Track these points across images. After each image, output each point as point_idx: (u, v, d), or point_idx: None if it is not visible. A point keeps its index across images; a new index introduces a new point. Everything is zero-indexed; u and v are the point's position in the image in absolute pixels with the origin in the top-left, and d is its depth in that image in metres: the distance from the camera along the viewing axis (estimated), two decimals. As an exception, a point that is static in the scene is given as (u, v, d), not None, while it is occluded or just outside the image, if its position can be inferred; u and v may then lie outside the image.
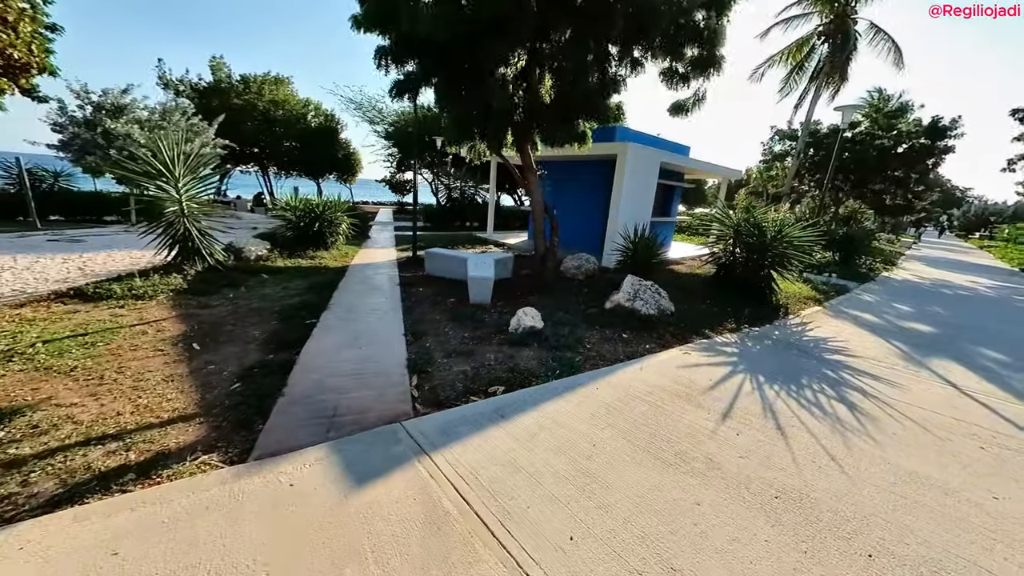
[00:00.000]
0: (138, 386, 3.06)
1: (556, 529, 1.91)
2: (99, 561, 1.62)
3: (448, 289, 6.56)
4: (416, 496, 2.05)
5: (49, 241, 8.16)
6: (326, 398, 2.97)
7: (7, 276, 5.62)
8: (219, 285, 5.91)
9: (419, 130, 21.40)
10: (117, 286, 5.26)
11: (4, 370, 3.16)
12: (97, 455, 2.27)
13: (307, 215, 8.82)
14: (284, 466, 2.21)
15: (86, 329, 4.08)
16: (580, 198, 11.28)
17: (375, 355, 3.81)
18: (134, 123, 10.79)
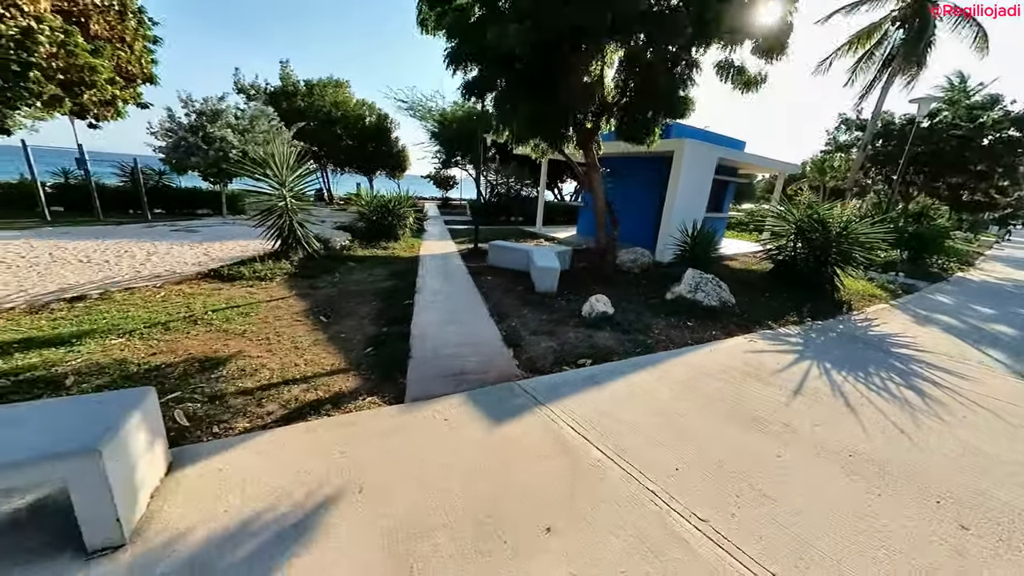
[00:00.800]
0: (297, 346, 3.83)
1: (663, 463, 2.38)
2: (333, 456, 2.29)
3: (512, 278, 7.12)
4: (544, 432, 2.60)
5: (172, 232, 9.55)
6: (446, 362, 3.60)
7: (156, 259, 6.79)
8: (319, 270, 6.80)
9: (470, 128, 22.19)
10: (245, 269, 6.25)
11: (196, 331, 4.04)
12: (297, 391, 3.00)
13: (379, 209, 9.69)
14: (436, 407, 2.83)
15: (235, 302, 4.99)
16: (632, 194, 11.48)
17: (473, 331, 4.43)
18: (227, 127, 12.18)
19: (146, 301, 4.86)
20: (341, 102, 22.49)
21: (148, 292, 5.22)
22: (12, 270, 5.75)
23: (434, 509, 1.96)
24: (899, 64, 15.01)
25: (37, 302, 4.59)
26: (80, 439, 1.58)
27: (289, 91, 21.48)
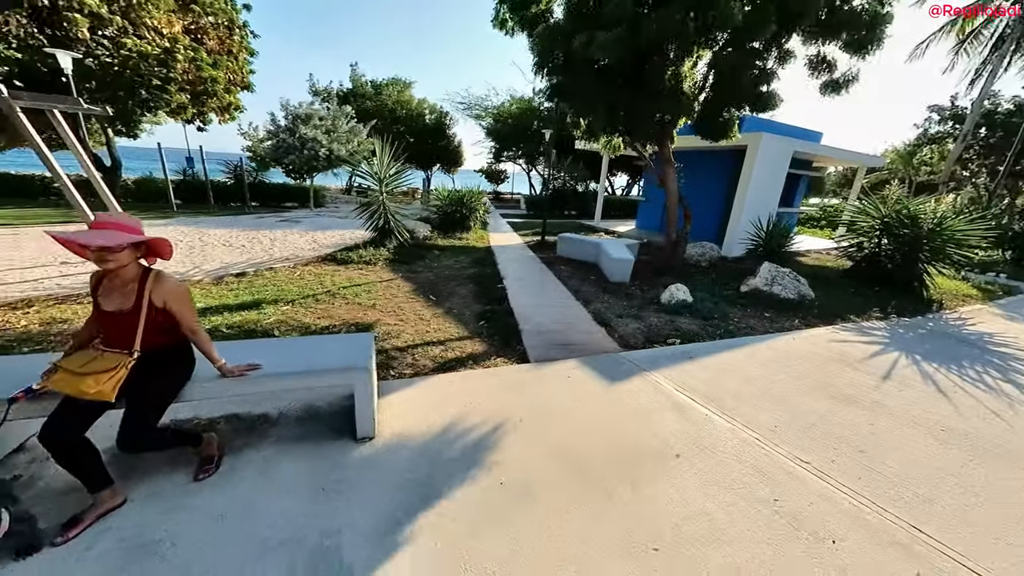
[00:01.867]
0: (421, 318, 4.59)
1: (763, 421, 2.79)
2: (490, 395, 2.92)
3: (583, 269, 7.58)
4: (655, 391, 3.09)
5: (280, 222, 10.99)
6: (552, 335, 4.17)
7: (279, 245, 8.01)
8: (411, 257, 7.66)
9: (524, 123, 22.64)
10: (353, 254, 7.24)
11: (337, 303, 4.93)
12: (438, 351, 3.71)
13: (455, 203, 10.50)
14: (557, 367, 3.41)
15: (356, 282, 5.90)
16: (698, 188, 11.43)
17: (565, 312, 4.98)
18: (315, 128, 13.60)
19: (287, 278, 5.89)
20: (404, 101, 23.85)
21: (286, 271, 6.29)
22: (179, 251, 7.11)
23: (582, 436, 2.53)
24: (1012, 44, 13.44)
25: (213, 276, 5.75)
26: (356, 360, 2.31)
27: (358, 92, 23.14)
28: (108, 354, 1.74)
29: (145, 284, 1.76)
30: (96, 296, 1.76)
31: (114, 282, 1.75)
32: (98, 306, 1.76)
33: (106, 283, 1.76)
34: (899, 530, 1.94)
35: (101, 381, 1.65)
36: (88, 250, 1.63)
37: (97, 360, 1.71)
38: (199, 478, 2.00)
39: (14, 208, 10.86)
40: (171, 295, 1.81)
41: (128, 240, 1.65)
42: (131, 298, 1.75)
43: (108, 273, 1.73)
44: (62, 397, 1.70)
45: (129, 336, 1.75)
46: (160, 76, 11.93)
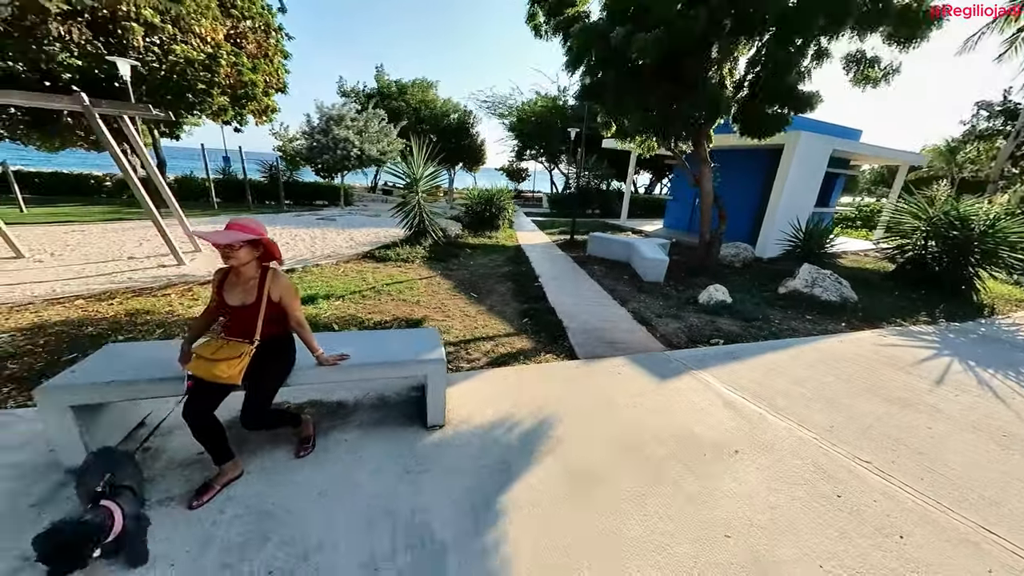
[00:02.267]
0: (466, 314, 4.76)
1: (817, 421, 2.83)
2: (544, 388, 3.05)
3: (614, 268, 7.62)
4: (705, 389, 3.16)
5: (318, 220, 11.42)
6: (596, 333, 4.28)
7: (320, 243, 8.35)
8: (446, 255, 7.87)
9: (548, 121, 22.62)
10: (391, 252, 7.49)
11: (384, 299, 5.15)
12: (488, 346, 3.86)
13: (484, 202, 10.67)
14: (606, 364, 3.52)
15: (397, 279, 6.12)
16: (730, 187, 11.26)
17: (605, 311, 5.07)
18: (347, 129, 14.00)
19: (333, 275, 6.17)
20: (429, 101, 24.19)
21: (330, 268, 6.58)
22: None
23: (640, 429, 2.63)
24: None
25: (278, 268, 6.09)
26: (430, 352, 2.48)
27: (383, 92, 23.59)
28: (232, 342, 1.95)
29: (265, 281, 1.96)
30: (221, 291, 1.97)
31: (238, 279, 1.96)
32: (222, 300, 1.97)
33: (231, 278, 1.97)
34: (968, 529, 1.98)
35: (233, 367, 1.87)
36: (218, 247, 1.84)
37: (224, 348, 1.92)
38: (300, 455, 2.21)
39: (74, 206, 11.63)
40: (285, 290, 2.01)
41: (242, 238, 1.83)
42: (253, 293, 1.95)
43: (232, 270, 1.94)
44: (195, 380, 1.92)
45: (251, 327, 1.95)
46: (204, 80, 12.53)
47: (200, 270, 6.06)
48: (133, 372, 2.07)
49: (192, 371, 1.88)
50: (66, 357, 3.19)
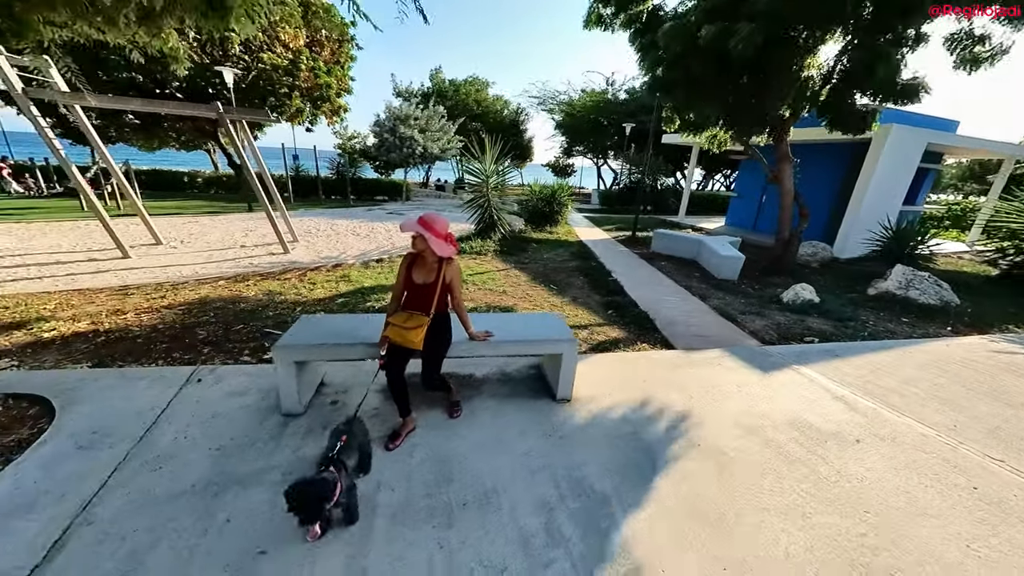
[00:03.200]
0: (553, 304, 5.03)
1: (937, 420, 2.83)
2: (650, 374, 3.26)
3: (682, 265, 7.60)
4: (810, 383, 3.23)
5: (388, 215, 12.18)
6: (685, 327, 4.41)
7: (395, 235, 8.96)
8: (514, 248, 8.20)
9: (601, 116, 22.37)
10: (464, 245, 7.92)
11: (473, 289, 5.53)
12: (584, 335, 4.11)
13: (545, 198, 10.90)
14: (703, 355, 3.66)
15: (477, 271, 6.51)
16: (806, 184, 10.75)
17: (686, 305, 5.16)
18: (412, 128, 14.71)
19: (418, 265, 6.66)
20: (482, 99, 24.70)
21: (413, 258, 7.10)
22: (323, 239, 8.28)
23: (756, 415, 2.78)
24: None
25: (361, 260, 6.70)
26: (563, 333, 2.77)
27: (439, 91, 24.37)
28: (415, 314, 2.33)
29: (442, 265, 2.32)
30: (410, 271, 2.35)
31: (424, 263, 2.33)
32: (410, 279, 2.35)
33: (419, 262, 2.35)
34: (1123, 529, 1.98)
35: (417, 334, 2.25)
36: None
37: (411, 319, 2.30)
38: (454, 416, 2.58)
39: (176, 200, 13.13)
40: (455, 275, 2.37)
41: (421, 231, 2.18)
42: (432, 274, 2.32)
43: (420, 255, 2.31)
44: (389, 345, 2.32)
45: (428, 301, 2.32)
46: (287, 84, 13.68)
47: (303, 258, 6.77)
48: (332, 337, 2.51)
49: (390, 336, 2.28)
50: (267, 328, 3.81)
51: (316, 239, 8.26)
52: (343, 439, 1.85)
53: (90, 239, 7.13)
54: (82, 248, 6.59)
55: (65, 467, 2.01)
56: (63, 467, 2.01)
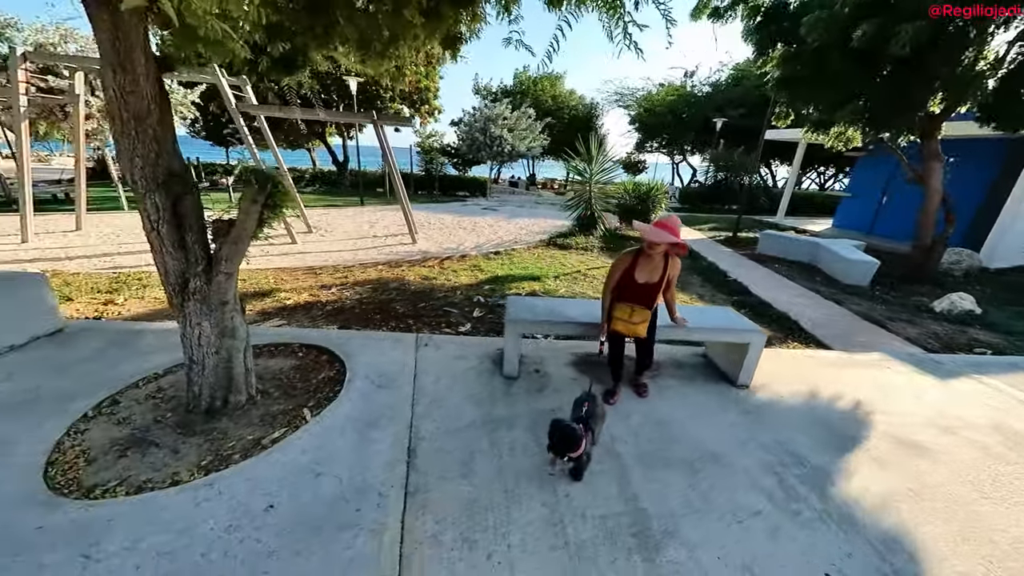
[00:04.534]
0: (683, 300, 5.22)
1: None
2: (817, 371, 3.38)
3: (797, 268, 7.33)
4: (998, 394, 3.15)
5: (483, 210, 12.97)
6: (831, 328, 4.40)
7: (499, 230, 9.59)
8: (617, 246, 8.41)
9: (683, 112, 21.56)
10: (570, 241, 8.30)
11: (595, 282, 5.88)
12: (729, 329, 4.28)
13: (639, 196, 10.94)
14: (865, 357, 3.68)
15: (591, 265, 6.84)
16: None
17: (822, 309, 5.09)
18: (501, 127, 15.37)
19: (533, 258, 7.14)
20: (558, 95, 24.87)
21: (524, 252, 7.61)
22: (435, 231, 9.12)
23: (939, 418, 2.82)
24: None
25: (479, 252, 7.35)
26: (749, 324, 3.01)
27: (519, 89, 24.91)
28: (639, 308, 2.60)
29: (667, 265, 2.59)
30: (632, 270, 2.59)
31: (650, 262, 2.56)
32: (631, 278, 2.59)
33: (642, 262, 2.58)
34: None
35: (643, 327, 2.61)
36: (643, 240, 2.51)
37: (636, 313, 2.59)
38: (642, 395, 2.88)
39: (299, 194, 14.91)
40: (676, 271, 2.66)
41: (670, 240, 2.42)
42: (657, 274, 2.59)
43: (646, 255, 2.54)
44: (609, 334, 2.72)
45: (652, 297, 2.61)
46: (391, 88, 14.99)
47: (430, 248, 7.55)
48: (550, 316, 2.99)
49: (620, 330, 2.65)
50: (445, 307, 4.51)
51: (430, 232, 9.10)
52: (587, 405, 2.17)
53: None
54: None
55: (377, 399, 2.67)
56: (376, 399, 2.67)
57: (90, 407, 2.42)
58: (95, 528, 1.68)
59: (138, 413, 2.43)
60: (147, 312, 4.00)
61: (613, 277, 2.66)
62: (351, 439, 2.30)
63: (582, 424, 2.02)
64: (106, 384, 2.62)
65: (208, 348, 2.29)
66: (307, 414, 2.51)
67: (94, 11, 1.63)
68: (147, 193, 1.94)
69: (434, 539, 1.75)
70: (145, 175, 1.91)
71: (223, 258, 2.16)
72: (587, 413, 2.12)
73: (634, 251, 2.63)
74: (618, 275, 2.64)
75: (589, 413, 2.13)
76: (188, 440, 2.24)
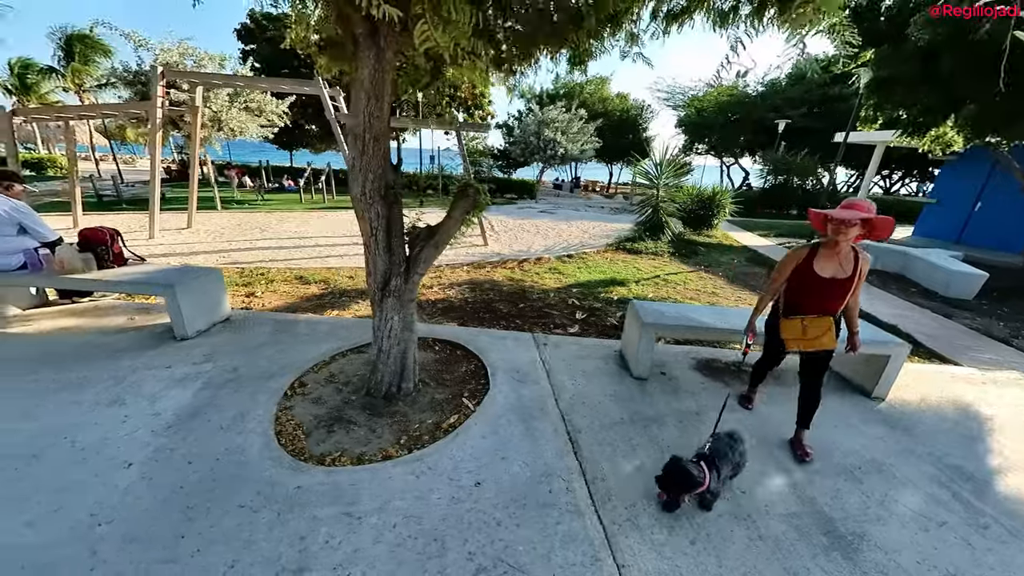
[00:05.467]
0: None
1: None
2: (936, 389, 3.28)
3: (886, 278, 7.00)
4: None
5: (541, 212, 13.18)
6: (951, 343, 4.23)
7: (561, 233, 9.73)
8: (687, 251, 8.34)
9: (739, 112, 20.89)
10: (639, 245, 8.31)
11: (679, 288, 5.90)
12: (838, 340, 4.21)
13: (702, 201, 10.76)
14: (1005, 374, 3.53)
15: (663, 271, 6.84)
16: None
17: (930, 321, 4.88)
18: (554, 131, 15.52)
19: (606, 262, 7.22)
20: (606, 98, 24.72)
21: (595, 256, 7.70)
22: (502, 234, 9.37)
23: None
24: None
25: (553, 255, 7.51)
26: (890, 337, 3.00)
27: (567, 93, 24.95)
28: (815, 320, 2.16)
29: (859, 257, 2.11)
30: (810, 264, 2.14)
31: (838, 255, 2.10)
32: (812, 273, 2.12)
33: (827, 253, 2.12)
34: None
35: (830, 336, 2.18)
36: (830, 222, 2.04)
37: (812, 326, 2.17)
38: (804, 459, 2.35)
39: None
40: (866, 267, 2.13)
41: (859, 216, 1.95)
42: (849, 268, 2.10)
43: (832, 246, 2.09)
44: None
45: (837, 300, 2.14)
46: (449, 95, 15.50)
47: (503, 250, 7.79)
48: (682, 320, 3.09)
49: (796, 348, 2.28)
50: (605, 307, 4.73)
51: (497, 234, 9.37)
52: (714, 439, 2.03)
53: (331, 226, 9.13)
54: (333, 233, 8.49)
55: (523, 392, 2.87)
56: (522, 392, 2.87)
57: (286, 386, 2.77)
58: (344, 491, 1.97)
59: (326, 394, 2.76)
60: (284, 304, 4.44)
61: (782, 272, 2.28)
62: (518, 428, 2.50)
63: (704, 461, 1.89)
64: (290, 367, 2.98)
65: (394, 340, 2.57)
66: (468, 403, 2.75)
67: (363, 51, 1.92)
68: (372, 203, 2.22)
69: (631, 523, 1.91)
70: (374, 188, 2.19)
71: (422, 260, 2.43)
72: (712, 449, 1.98)
73: (810, 245, 2.21)
74: (788, 270, 2.24)
75: (714, 450, 1.98)
76: (378, 421, 2.52)
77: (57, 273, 3.15)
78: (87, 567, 1.54)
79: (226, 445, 2.20)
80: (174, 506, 1.83)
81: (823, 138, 18.05)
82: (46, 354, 2.98)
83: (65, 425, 2.27)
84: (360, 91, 2.00)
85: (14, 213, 3.10)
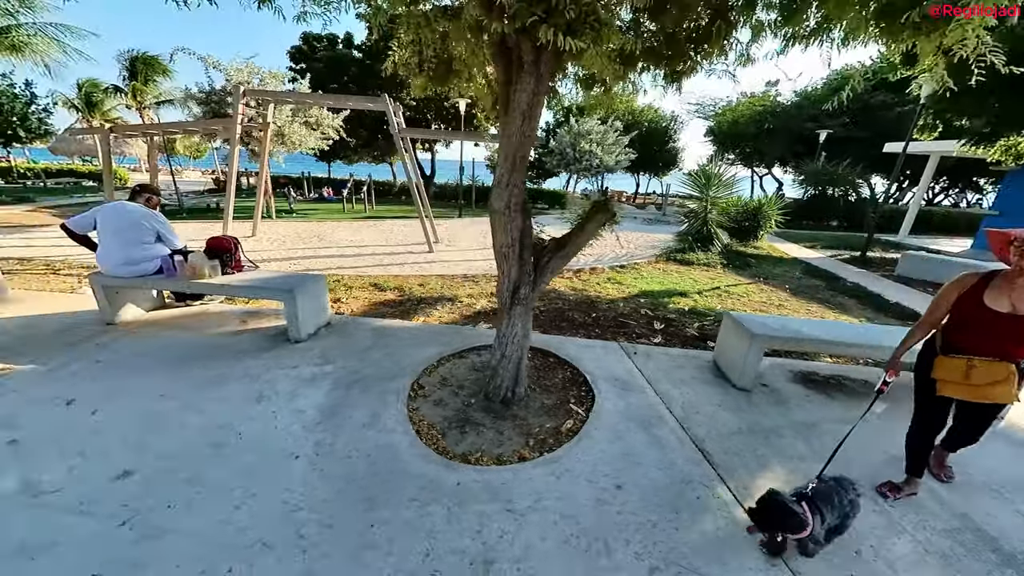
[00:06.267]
0: (851, 320, 5.06)
1: None
2: None
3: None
4: None
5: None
6: None
7: (610, 244, 9.76)
8: (739, 262, 8.25)
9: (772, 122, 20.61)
10: (691, 256, 8.28)
11: (742, 300, 5.85)
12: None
13: (748, 212, 10.64)
14: None
15: (720, 282, 6.78)
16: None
17: None
18: (590, 143, 15.68)
19: (659, 274, 7.22)
20: (635, 109, 24.78)
21: (649, 267, 7.72)
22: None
23: None
24: None
25: (606, 265, 7.57)
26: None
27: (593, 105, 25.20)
28: (985, 363, 1.74)
29: None
30: (980, 295, 1.76)
31: (1016, 286, 1.69)
32: (979, 304, 1.75)
33: (1003, 286, 1.72)
34: None
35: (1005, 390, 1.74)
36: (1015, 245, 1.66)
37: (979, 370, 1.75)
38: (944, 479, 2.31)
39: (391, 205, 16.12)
40: None
41: None
42: None
43: (1018, 274, 1.69)
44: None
45: (1019, 342, 1.71)
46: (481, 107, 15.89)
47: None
48: (790, 334, 3.10)
49: (951, 394, 1.88)
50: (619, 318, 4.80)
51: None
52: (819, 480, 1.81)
53: (382, 235, 9.44)
54: (386, 242, 8.78)
55: (631, 400, 2.92)
56: (630, 400, 2.92)
57: (407, 388, 2.91)
58: (498, 488, 2.06)
59: (444, 397, 2.89)
60: (368, 309, 4.65)
61: (940, 306, 1.92)
62: (640, 436, 2.56)
63: (805, 501, 1.66)
64: (405, 370, 3.12)
65: (516, 346, 2.68)
66: (578, 409, 2.83)
67: (523, 75, 2.07)
68: (514, 216, 2.36)
69: (786, 532, 1.93)
70: (517, 201, 2.33)
71: (548, 270, 2.55)
72: (815, 491, 1.72)
73: (983, 272, 1.85)
74: (949, 302, 1.88)
75: (818, 492, 1.72)
76: (502, 423, 2.63)
77: (188, 278, 3.41)
78: (299, 548, 1.68)
79: (375, 442, 2.34)
80: (351, 497, 1.96)
81: (864, 148, 17.61)
82: (184, 352, 3.23)
83: (227, 418, 2.46)
84: (516, 113, 2.15)
85: (154, 223, 3.39)
